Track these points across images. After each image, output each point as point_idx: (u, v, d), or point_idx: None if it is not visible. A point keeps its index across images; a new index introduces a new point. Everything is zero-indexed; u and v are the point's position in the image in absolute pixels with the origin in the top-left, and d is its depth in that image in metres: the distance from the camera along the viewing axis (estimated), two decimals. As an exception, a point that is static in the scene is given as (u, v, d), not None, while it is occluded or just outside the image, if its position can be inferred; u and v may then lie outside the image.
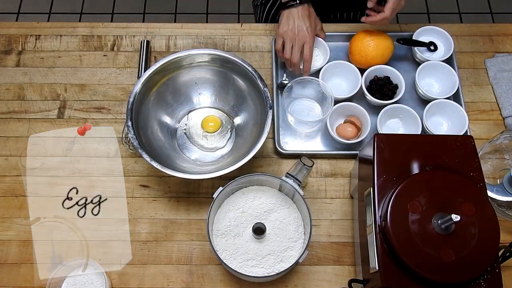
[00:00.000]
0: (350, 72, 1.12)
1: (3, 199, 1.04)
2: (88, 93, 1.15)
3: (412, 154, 0.83)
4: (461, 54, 1.19)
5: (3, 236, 1.01)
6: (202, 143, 1.09)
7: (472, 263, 0.72)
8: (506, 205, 0.96)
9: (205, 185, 1.05)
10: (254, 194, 0.96)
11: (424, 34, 1.17)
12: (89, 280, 0.94)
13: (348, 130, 1.06)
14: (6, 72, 1.18)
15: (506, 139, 1.01)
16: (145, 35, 1.23)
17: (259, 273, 0.90)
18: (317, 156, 1.07)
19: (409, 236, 0.74)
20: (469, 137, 0.84)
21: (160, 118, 1.08)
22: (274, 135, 1.08)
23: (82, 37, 1.22)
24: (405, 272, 0.74)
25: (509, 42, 1.21)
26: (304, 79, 1.07)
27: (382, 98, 1.10)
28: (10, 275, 0.97)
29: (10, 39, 1.22)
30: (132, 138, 0.96)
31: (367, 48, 1.10)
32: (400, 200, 0.76)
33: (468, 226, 0.74)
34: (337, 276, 0.97)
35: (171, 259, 0.99)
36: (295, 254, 0.91)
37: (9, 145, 1.10)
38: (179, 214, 1.03)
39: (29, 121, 1.12)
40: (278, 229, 0.93)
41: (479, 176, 0.81)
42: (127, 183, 1.06)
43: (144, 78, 1.02)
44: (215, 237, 0.93)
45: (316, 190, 1.05)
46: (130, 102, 0.99)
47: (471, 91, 1.15)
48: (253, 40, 1.22)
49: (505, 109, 1.11)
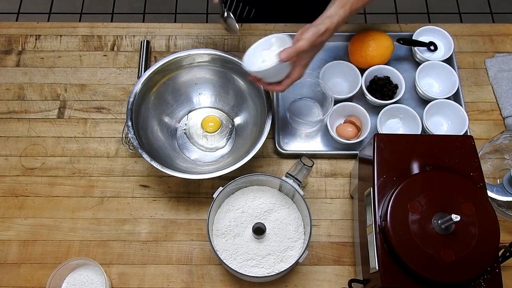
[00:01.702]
0: (350, 72, 1.12)
1: (3, 199, 1.04)
2: (88, 93, 1.15)
3: (412, 154, 0.83)
4: (461, 54, 1.19)
5: (3, 236, 1.01)
6: (202, 143, 1.09)
7: (472, 263, 0.72)
8: (506, 205, 0.96)
9: (205, 185, 1.05)
10: (254, 194, 0.96)
11: (424, 34, 1.17)
12: (89, 280, 0.94)
13: (348, 130, 1.06)
14: (6, 72, 1.18)
15: (506, 139, 1.01)
16: (145, 35, 1.23)
17: (259, 273, 0.90)
18: (317, 156, 1.07)
19: (409, 236, 0.74)
20: (469, 137, 0.84)
21: (160, 118, 1.08)
22: (274, 135, 1.08)
23: (82, 37, 1.22)
24: (405, 272, 0.74)
25: (509, 42, 1.21)
26: (304, 79, 1.07)
27: (382, 98, 1.10)
28: (10, 275, 0.97)
29: (10, 39, 1.22)
30: (132, 138, 0.96)
31: (367, 48, 1.10)
32: (400, 200, 0.76)
33: (468, 226, 0.74)
34: (337, 276, 0.97)
35: (171, 259, 0.99)
36: (295, 254, 0.91)
37: (9, 145, 1.10)
38: (179, 214, 1.03)
39: (29, 121, 1.12)
40: (278, 229, 0.93)
41: (479, 176, 0.81)
42: (127, 183, 1.06)
43: (144, 78, 1.02)
44: (215, 237, 0.93)
45: (316, 190, 1.05)
46: (130, 102, 0.99)
47: (471, 91, 1.15)
48: (253, 40, 1.21)
49: (505, 109, 1.11)
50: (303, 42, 0.86)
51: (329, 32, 0.88)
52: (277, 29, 1.22)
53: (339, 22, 0.89)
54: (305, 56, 0.89)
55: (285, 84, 0.92)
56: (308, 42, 0.86)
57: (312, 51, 0.89)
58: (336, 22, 0.89)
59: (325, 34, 0.88)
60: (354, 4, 0.91)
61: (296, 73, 0.91)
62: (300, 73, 0.91)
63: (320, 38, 0.87)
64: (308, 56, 0.90)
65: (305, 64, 0.91)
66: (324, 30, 0.87)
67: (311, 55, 0.91)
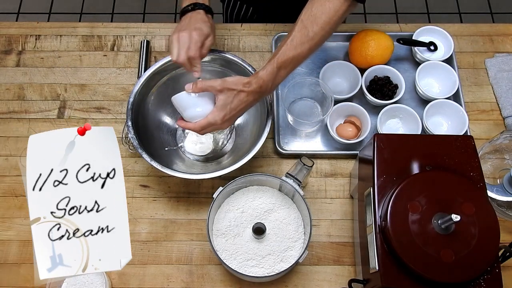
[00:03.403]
0: (350, 72, 1.12)
1: (3, 199, 1.04)
2: (88, 93, 1.15)
3: (412, 154, 0.83)
4: (461, 54, 1.19)
5: (3, 236, 1.01)
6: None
7: (472, 263, 0.72)
8: (506, 205, 0.96)
9: (205, 185, 1.05)
10: (254, 194, 0.96)
11: (424, 34, 1.17)
12: (89, 280, 0.94)
13: (348, 130, 1.06)
14: (6, 72, 1.18)
15: (506, 139, 1.01)
16: (145, 35, 1.22)
17: (259, 273, 0.90)
18: (317, 156, 1.07)
19: (409, 236, 0.74)
20: (469, 137, 0.84)
21: (160, 118, 1.08)
22: (274, 135, 1.08)
23: (82, 37, 1.22)
24: (405, 272, 0.74)
25: (509, 42, 1.21)
26: (304, 79, 1.07)
27: (382, 98, 1.10)
28: (10, 275, 0.97)
29: (10, 39, 1.22)
30: (132, 138, 0.96)
31: (367, 48, 1.10)
32: (400, 200, 0.76)
33: (468, 226, 0.74)
34: (337, 276, 0.97)
35: (171, 259, 0.99)
36: (295, 254, 0.91)
37: (9, 145, 1.10)
38: (179, 214, 1.03)
39: (29, 121, 1.12)
40: (278, 229, 0.93)
41: (479, 176, 0.81)
42: (127, 183, 1.05)
43: (144, 78, 1.02)
44: (215, 237, 0.93)
45: (316, 190, 1.05)
46: (130, 102, 0.99)
47: (471, 91, 1.15)
48: (253, 40, 1.22)
49: (505, 109, 1.11)
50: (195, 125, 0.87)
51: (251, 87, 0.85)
52: (276, 29, 1.22)
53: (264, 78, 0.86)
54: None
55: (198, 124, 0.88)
56: (199, 127, 0.86)
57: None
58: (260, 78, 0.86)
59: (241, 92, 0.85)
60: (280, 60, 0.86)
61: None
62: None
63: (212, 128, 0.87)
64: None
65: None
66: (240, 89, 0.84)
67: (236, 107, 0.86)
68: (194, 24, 0.91)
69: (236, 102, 0.86)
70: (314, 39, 0.87)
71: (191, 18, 0.93)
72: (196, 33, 0.90)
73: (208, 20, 0.94)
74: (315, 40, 0.87)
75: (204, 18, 0.93)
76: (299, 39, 0.86)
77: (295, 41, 0.86)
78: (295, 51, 0.86)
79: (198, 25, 0.91)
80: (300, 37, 0.86)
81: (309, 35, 0.86)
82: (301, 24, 0.87)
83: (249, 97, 0.86)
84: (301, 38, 0.86)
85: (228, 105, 0.85)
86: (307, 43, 0.86)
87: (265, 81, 0.86)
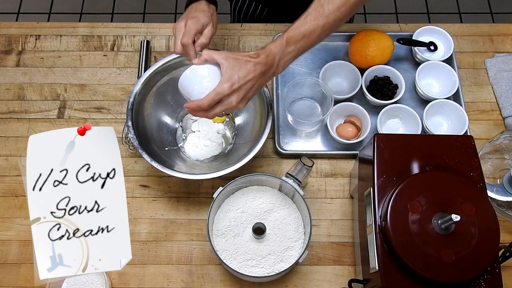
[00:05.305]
0: (350, 72, 1.12)
1: (3, 199, 1.04)
2: (88, 93, 1.15)
3: (412, 154, 0.83)
4: (461, 54, 1.19)
5: (3, 236, 1.01)
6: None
7: (472, 263, 0.72)
8: (506, 205, 0.96)
9: (205, 185, 1.05)
10: (254, 194, 0.96)
11: (424, 34, 1.17)
12: (89, 280, 0.94)
13: (348, 130, 1.06)
14: (6, 72, 1.18)
15: (506, 139, 1.01)
16: (145, 35, 1.22)
17: (259, 273, 0.90)
18: (317, 156, 1.07)
19: (409, 236, 0.74)
20: (469, 137, 0.84)
21: (160, 118, 1.08)
22: (274, 135, 1.08)
23: (82, 37, 1.22)
24: (405, 272, 0.74)
25: (509, 42, 1.21)
26: (304, 79, 1.07)
27: (382, 98, 1.10)
28: (10, 275, 0.97)
29: (10, 39, 1.22)
30: (132, 138, 0.96)
31: (367, 48, 1.10)
32: (400, 200, 0.76)
33: (468, 226, 0.74)
34: (337, 276, 0.97)
35: (171, 259, 0.99)
36: (295, 254, 0.91)
37: (9, 145, 1.10)
38: (179, 214, 1.03)
39: (29, 121, 1.12)
40: (278, 229, 0.93)
41: (479, 176, 0.81)
42: (127, 183, 1.05)
43: (144, 78, 1.02)
44: (215, 237, 0.93)
45: (316, 190, 1.05)
46: (130, 102, 0.99)
47: (471, 91, 1.15)
48: (253, 40, 1.22)
49: (505, 109, 1.11)
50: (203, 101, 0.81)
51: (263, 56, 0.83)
52: (277, 29, 1.22)
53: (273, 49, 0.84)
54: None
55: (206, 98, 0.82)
56: (208, 102, 0.81)
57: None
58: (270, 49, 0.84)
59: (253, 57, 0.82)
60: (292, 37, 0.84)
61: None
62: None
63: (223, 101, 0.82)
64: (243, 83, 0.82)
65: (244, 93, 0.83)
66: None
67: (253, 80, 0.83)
68: (192, 13, 0.93)
69: (243, 71, 0.81)
70: (328, 17, 0.85)
71: (191, 9, 0.95)
72: (191, 22, 0.90)
73: (208, 10, 0.94)
74: (329, 19, 0.85)
75: (203, 8, 0.94)
76: (313, 15, 0.85)
77: (309, 18, 0.85)
78: (307, 27, 0.84)
79: (195, 14, 0.92)
80: (315, 14, 0.85)
81: (324, 13, 0.85)
82: (317, 3, 0.86)
83: (256, 67, 0.82)
84: (315, 15, 0.85)
85: (235, 74, 0.81)
86: (321, 20, 0.85)
87: (272, 52, 0.83)
